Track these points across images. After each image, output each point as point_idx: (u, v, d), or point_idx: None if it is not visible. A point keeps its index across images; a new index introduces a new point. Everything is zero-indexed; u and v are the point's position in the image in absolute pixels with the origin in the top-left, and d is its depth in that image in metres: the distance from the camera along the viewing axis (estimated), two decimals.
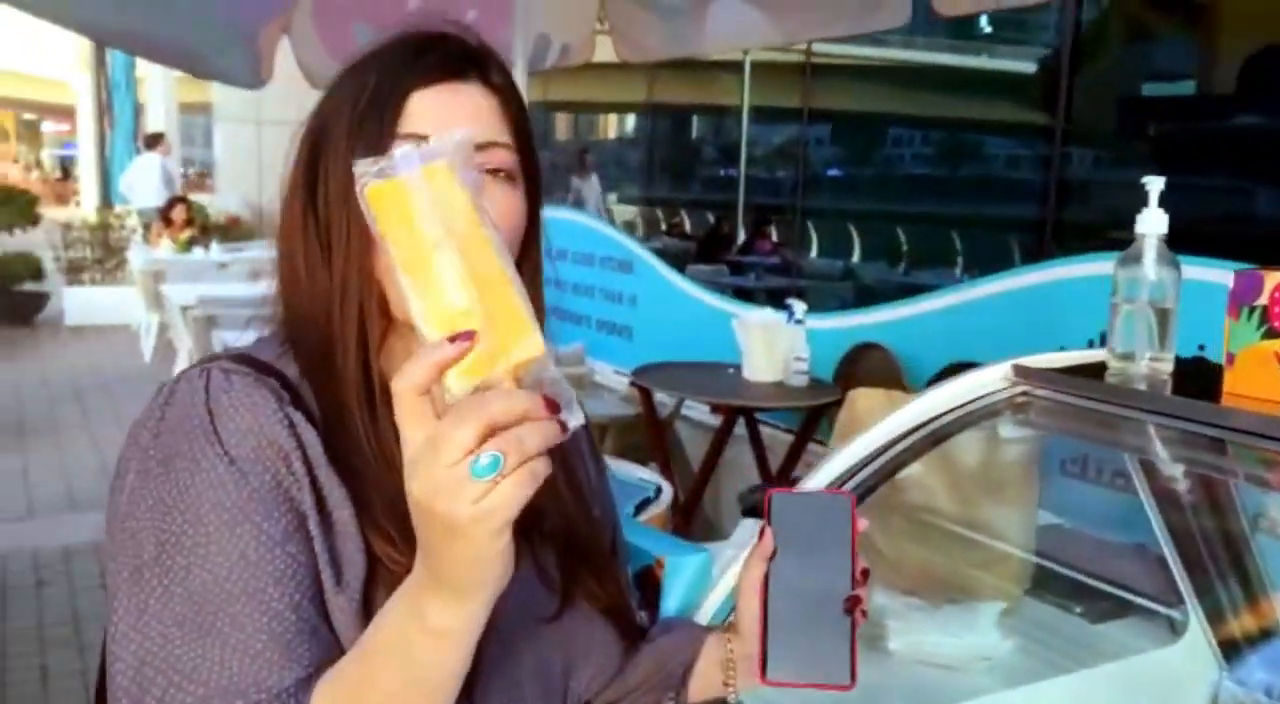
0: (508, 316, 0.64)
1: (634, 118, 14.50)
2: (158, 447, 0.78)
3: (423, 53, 0.85)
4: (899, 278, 9.85)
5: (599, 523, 1.03)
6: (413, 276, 0.65)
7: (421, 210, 0.65)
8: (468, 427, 0.60)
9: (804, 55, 5.92)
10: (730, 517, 3.87)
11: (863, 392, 2.04)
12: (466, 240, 0.65)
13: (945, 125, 11.08)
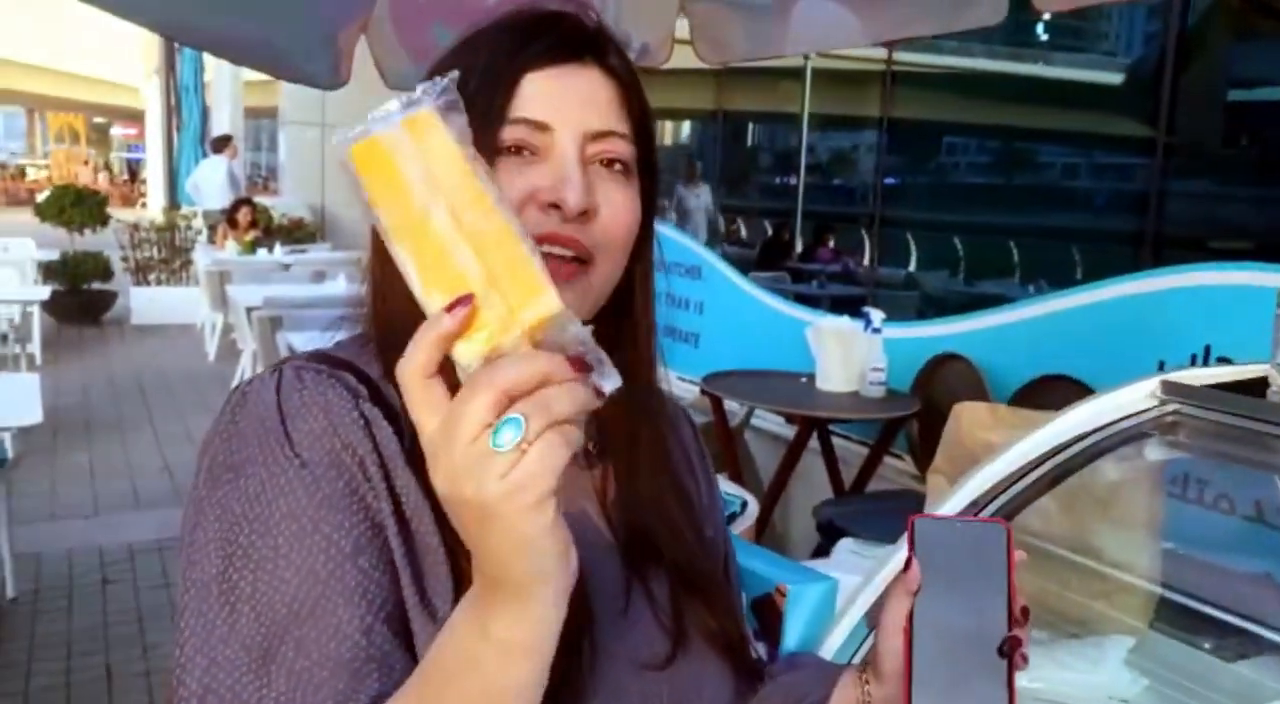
0: (515, 275, 0.57)
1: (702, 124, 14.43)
2: (228, 452, 0.72)
3: (538, 33, 0.78)
4: (969, 288, 9.64)
5: (712, 545, 0.94)
6: (405, 244, 0.58)
7: (406, 168, 0.58)
8: (480, 397, 0.53)
9: (883, 63, 5.79)
10: (801, 531, 3.76)
11: (967, 406, 1.93)
12: (459, 195, 0.58)
13: (1025, 135, 10.85)
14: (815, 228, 10.60)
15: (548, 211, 0.75)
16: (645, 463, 0.87)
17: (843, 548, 1.72)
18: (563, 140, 0.76)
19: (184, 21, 2.53)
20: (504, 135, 0.75)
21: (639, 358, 0.86)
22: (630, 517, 0.85)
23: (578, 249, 0.76)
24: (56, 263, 9.64)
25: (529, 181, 0.75)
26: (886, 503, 3.37)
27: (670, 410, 0.98)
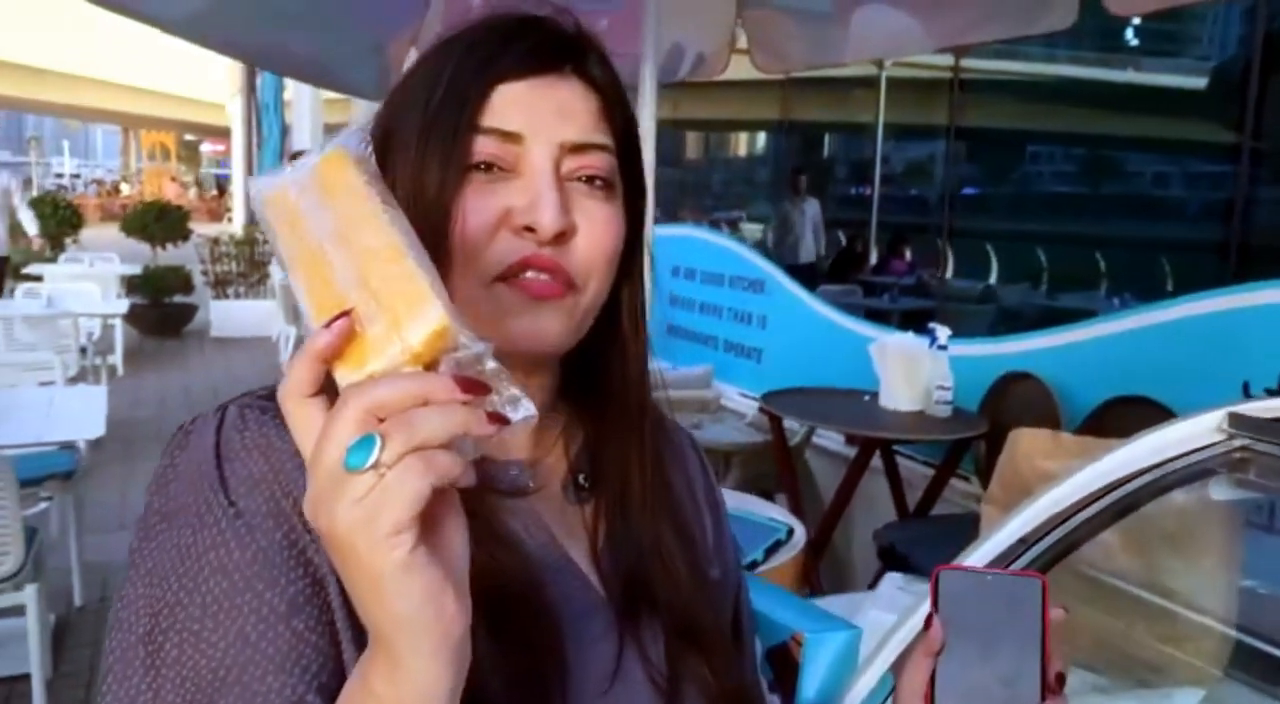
0: (399, 290, 0.53)
1: (766, 135, 14.32)
2: (163, 499, 0.66)
3: (512, 39, 0.72)
4: (1047, 301, 9.35)
5: (717, 588, 0.86)
6: (298, 275, 0.56)
7: (308, 207, 0.56)
8: (343, 415, 0.49)
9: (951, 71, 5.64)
10: (863, 556, 3.63)
11: (1025, 433, 1.81)
12: (353, 221, 0.55)
13: (1101, 142, 10.54)
14: (890, 239, 10.41)
15: (522, 235, 0.69)
16: (639, 497, 0.79)
17: (889, 583, 1.62)
18: (536, 154, 0.70)
19: (236, 39, 2.55)
20: (473, 148, 0.70)
21: (629, 383, 0.80)
22: (622, 559, 0.78)
23: (557, 273, 0.70)
24: (139, 277, 9.90)
25: (500, 201, 0.69)
26: (951, 527, 3.23)
27: (674, 437, 0.91)
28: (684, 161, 15.29)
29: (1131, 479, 1.12)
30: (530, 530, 0.74)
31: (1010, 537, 1.29)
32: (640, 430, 0.80)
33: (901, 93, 11.00)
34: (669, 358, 5.22)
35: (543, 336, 0.71)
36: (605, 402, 0.80)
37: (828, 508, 3.53)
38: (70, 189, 34.84)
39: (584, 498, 0.80)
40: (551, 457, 0.80)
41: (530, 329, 0.70)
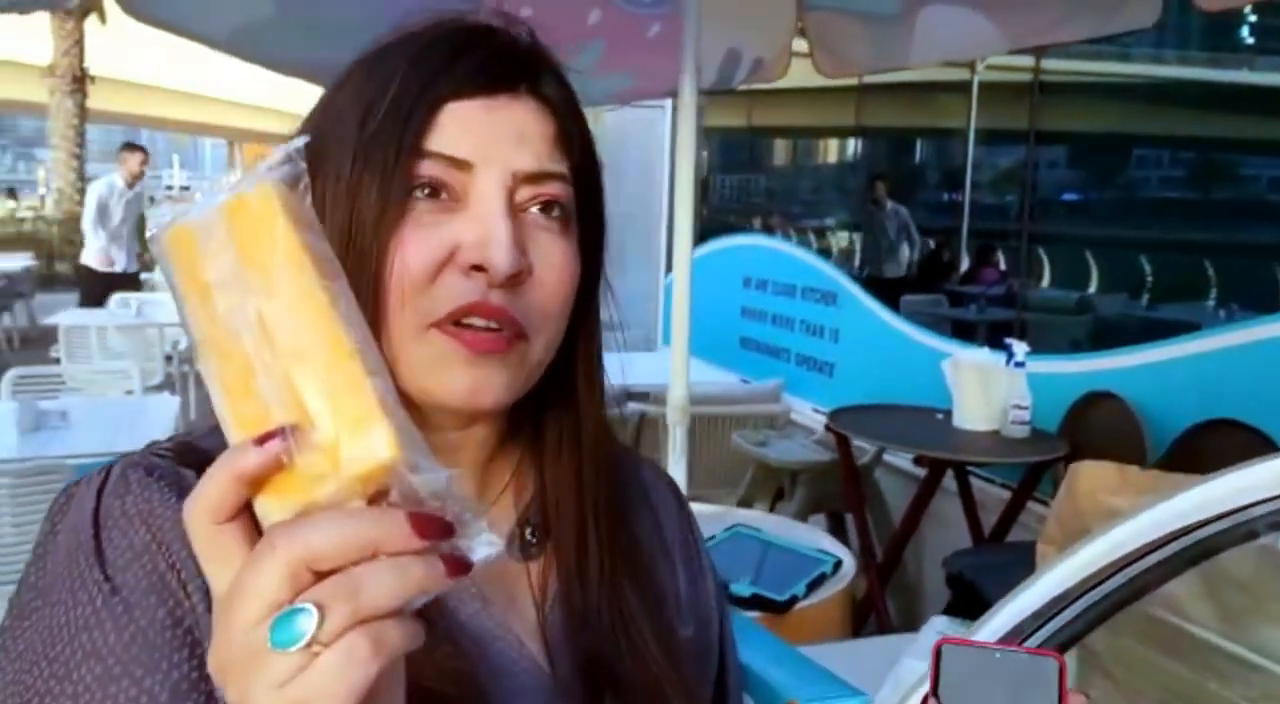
0: (342, 407, 0.42)
1: (845, 142, 14.08)
2: (39, 572, 0.59)
3: (462, 51, 0.64)
4: (1148, 312, 8.95)
5: (691, 650, 0.76)
6: (209, 360, 0.44)
7: (214, 264, 0.44)
8: (269, 566, 0.39)
9: (1032, 73, 5.42)
10: (934, 582, 3.47)
11: (1087, 465, 1.66)
12: (284, 303, 0.43)
13: (1207, 145, 10.07)
14: (980, 247, 10.09)
15: (471, 275, 0.61)
16: (596, 557, 0.70)
17: (932, 628, 1.49)
18: (486, 183, 0.62)
19: (276, 51, 2.53)
20: (415, 172, 0.62)
21: (581, 435, 0.72)
22: (576, 629, 0.69)
23: (506, 323, 0.62)
24: None
25: (447, 236, 0.61)
26: (1025, 555, 3.05)
27: (644, 479, 0.82)
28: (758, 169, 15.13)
29: (1209, 523, 0.98)
30: (462, 598, 0.66)
31: (1065, 580, 1.17)
32: (595, 485, 0.72)
33: (992, 96, 10.69)
34: (741, 370, 5.10)
35: (482, 394, 0.63)
36: (555, 452, 0.72)
37: (896, 530, 3.39)
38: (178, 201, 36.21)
39: (531, 554, 0.71)
40: (496, 508, 0.72)
41: (469, 385, 0.62)
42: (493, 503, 0.72)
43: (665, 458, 2.25)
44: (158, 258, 0.46)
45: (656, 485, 0.83)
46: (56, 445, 3.47)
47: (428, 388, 0.63)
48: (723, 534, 2.27)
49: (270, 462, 0.41)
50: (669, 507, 0.83)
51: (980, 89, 10.74)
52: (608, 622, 0.69)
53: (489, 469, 0.72)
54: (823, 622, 1.98)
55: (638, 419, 3.91)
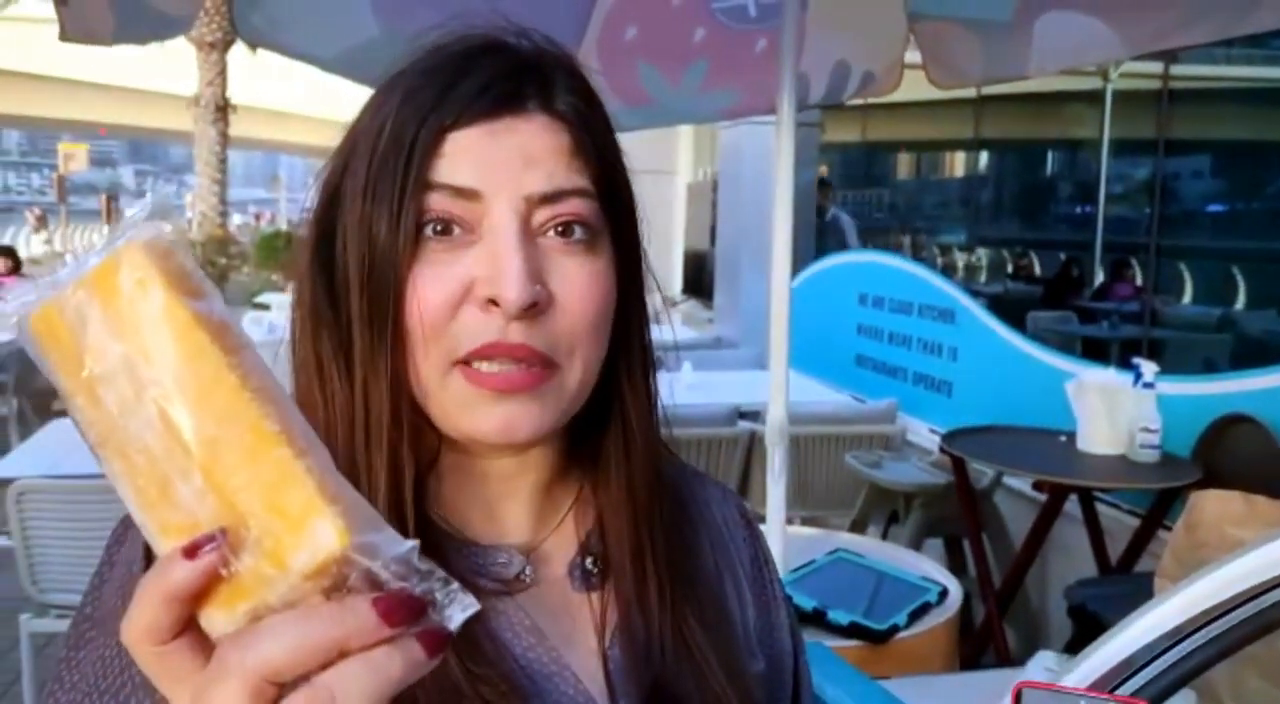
0: (275, 503, 0.37)
1: (965, 155, 13.73)
2: (96, 602, 0.60)
3: (460, 76, 0.62)
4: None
5: (762, 686, 0.72)
6: (114, 463, 0.39)
7: (101, 351, 0.38)
8: (227, 689, 0.36)
9: (1162, 79, 5.16)
10: (1057, 612, 3.31)
11: (1210, 495, 1.55)
12: (182, 384, 0.37)
13: None
14: (1113, 262, 9.68)
15: (488, 310, 0.59)
16: (655, 580, 0.67)
17: (1038, 664, 1.41)
18: (497, 211, 0.60)
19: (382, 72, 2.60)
20: (425, 207, 0.60)
21: (633, 460, 0.68)
22: (637, 658, 0.66)
23: (529, 357, 0.60)
24: None
25: (461, 271, 0.60)
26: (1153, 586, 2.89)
27: (707, 500, 0.79)
28: (876, 183, 14.89)
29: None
30: (516, 631, 0.64)
31: (1178, 614, 1.10)
32: (649, 507, 0.69)
33: (1127, 105, 10.28)
34: (857, 389, 5.00)
35: (515, 430, 0.61)
36: (608, 475, 0.69)
37: (1017, 556, 3.25)
38: None
39: (593, 584, 0.69)
40: (557, 535, 0.70)
41: (500, 423, 0.61)
42: (553, 531, 0.70)
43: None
44: (26, 346, 0.39)
45: (725, 508, 0.80)
46: None
47: (459, 427, 0.62)
48: (824, 559, 2.21)
49: (205, 575, 0.37)
50: (738, 531, 0.79)
51: (1114, 97, 10.33)
52: (671, 652, 0.66)
53: (550, 495, 0.70)
54: (926, 652, 1.90)
55: (748, 438, 3.86)
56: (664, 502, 0.70)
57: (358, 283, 0.61)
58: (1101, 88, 10.28)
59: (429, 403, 0.62)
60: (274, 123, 29.21)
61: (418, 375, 0.61)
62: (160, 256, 0.39)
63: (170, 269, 0.39)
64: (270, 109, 27.21)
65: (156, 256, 0.39)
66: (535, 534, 0.69)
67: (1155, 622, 1.11)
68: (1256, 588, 1.05)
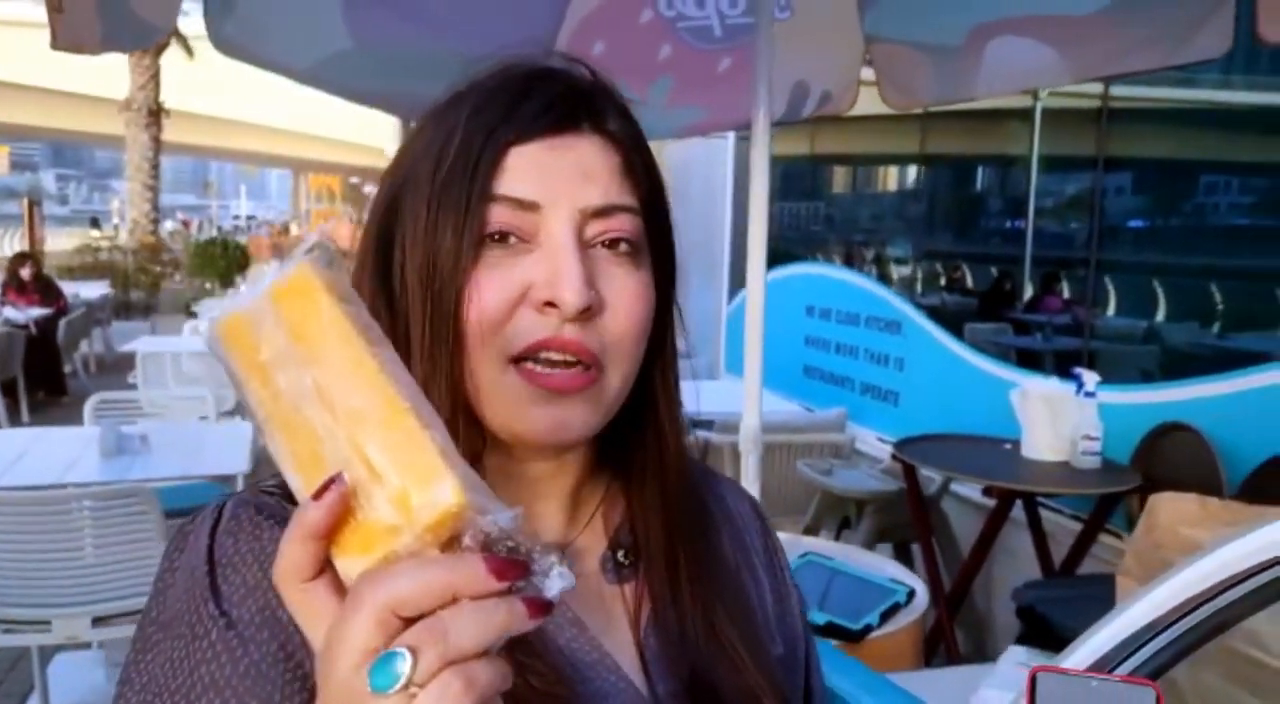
0: (405, 462, 0.45)
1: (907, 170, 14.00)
2: (160, 606, 0.62)
3: (524, 96, 0.67)
4: (1218, 341, 8.74)
5: (783, 668, 0.77)
6: (276, 437, 0.47)
7: (274, 343, 0.47)
8: (359, 617, 0.42)
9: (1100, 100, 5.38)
10: (1005, 613, 3.43)
11: (1168, 498, 1.65)
12: (333, 366, 0.47)
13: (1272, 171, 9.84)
14: (1043, 276, 9.97)
15: (544, 312, 0.64)
16: (685, 571, 0.72)
17: (1010, 659, 1.48)
18: (555, 222, 0.65)
19: (357, 83, 2.62)
20: (487, 218, 0.64)
21: (665, 459, 0.73)
22: (673, 647, 0.71)
23: (583, 355, 0.64)
24: None
25: (519, 275, 0.64)
26: (1098, 588, 3.00)
27: (729, 499, 0.84)
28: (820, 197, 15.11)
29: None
30: (558, 624, 0.68)
31: (1146, 614, 1.18)
32: (679, 505, 0.74)
33: (1052, 123, 10.58)
34: (806, 399, 5.10)
35: (564, 431, 0.66)
36: (641, 476, 0.74)
37: (965, 561, 3.35)
38: (246, 229, 37.12)
39: (625, 576, 0.73)
40: (588, 533, 0.74)
41: (550, 423, 0.65)
42: (584, 528, 0.74)
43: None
44: (213, 349, 0.49)
45: (739, 504, 0.85)
46: (137, 469, 3.58)
47: (510, 425, 0.66)
48: (795, 562, 2.28)
49: (333, 511, 0.44)
50: (752, 525, 0.84)
51: (1044, 116, 10.64)
52: (704, 641, 0.70)
53: (579, 496, 0.74)
54: (895, 651, 1.98)
55: (703, 447, 3.92)
56: (691, 499, 0.75)
57: (419, 286, 0.65)
58: (1032, 106, 10.59)
59: (482, 402, 0.65)
60: (207, 128, 28.66)
61: (473, 375, 0.65)
62: (321, 273, 0.48)
63: (329, 281, 0.48)
64: (203, 114, 26.71)
65: (319, 272, 0.48)
66: (568, 532, 0.73)
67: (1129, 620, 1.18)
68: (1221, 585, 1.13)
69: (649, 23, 2.71)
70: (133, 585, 3.06)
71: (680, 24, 2.72)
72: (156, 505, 3.03)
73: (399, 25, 2.49)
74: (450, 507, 0.44)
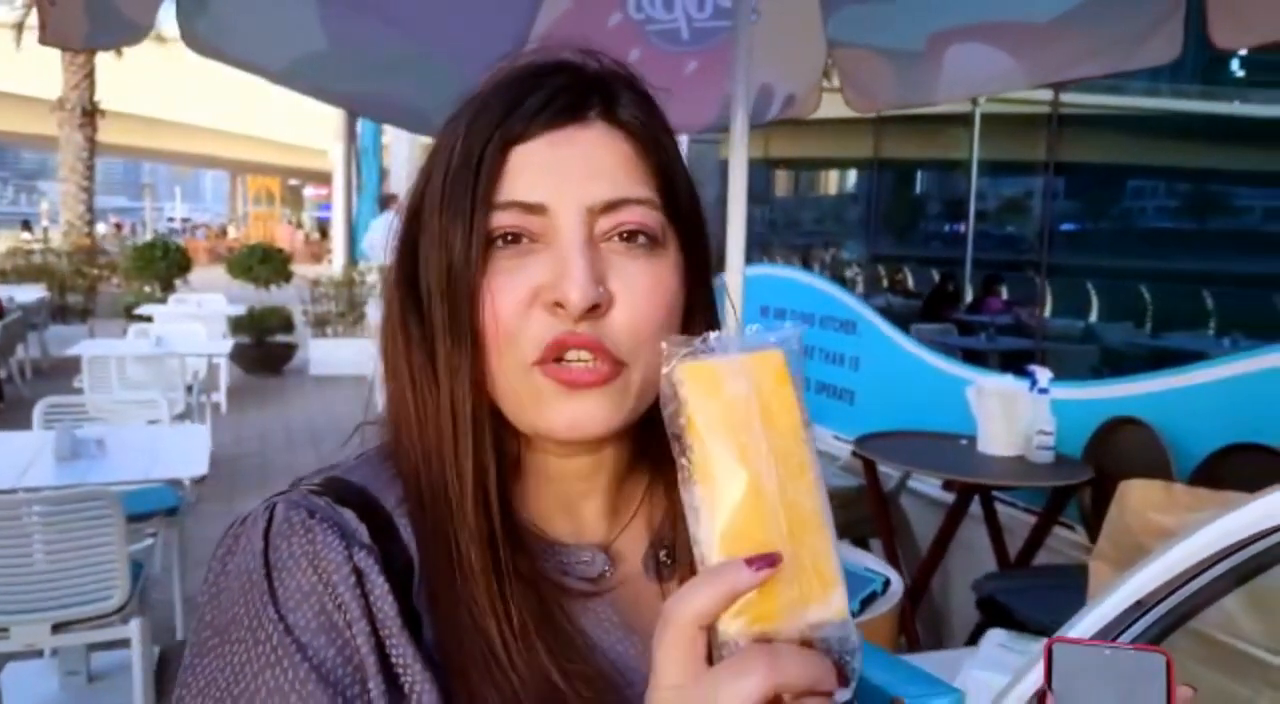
0: (814, 565, 0.51)
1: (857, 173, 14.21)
2: (215, 611, 0.62)
3: (525, 92, 0.65)
4: (1151, 340, 9.03)
5: None
6: (712, 485, 0.52)
7: (743, 408, 0.52)
8: (755, 679, 0.48)
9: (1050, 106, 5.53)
10: (961, 606, 3.52)
11: (1135, 484, 1.72)
12: (790, 461, 0.52)
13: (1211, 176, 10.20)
14: (985, 278, 10.20)
15: (554, 312, 0.63)
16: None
17: (991, 641, 1.55)
18: (562, 220, 0.64)
19: (331, 84, 2.61)
20: (494, 223, 0.64)
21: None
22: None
23: (598, 352, 0.63)
24: (244, 317, 10.26)
25: (529, 278, 0.64)
26: (1055, 578, 3.11)
27: None
28: (774, 200, 15.28)
29: (1262, 537, 1.04)
30: (605, 627, 0.68)
31: (1127, 598, 1.23)
32: None
33: (997, 128, 10.80)
34: None
35: (583, 426, 0.65)
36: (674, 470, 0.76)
37: (925, 556, 3.43)
38: (181, 232, 36.42)
39: (666, 576, 0.72)
40: (630, 532, 0.73)
41: (569, 419, 0.64)
42: (625, 527, 0.73)
43: None
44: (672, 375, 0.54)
45: None
46: (94, 473, 3.52)
47: (533, 423, 0.65)
48: None
49: (757, 583, 0.50)
50: None
51: (982, 121, 10.87)
52: None
53: (620, 495, 0.73)
54: (874, 638, 2.03)
55: None
56: None
57: (439, 293, 0.66)
58: (971, 112, 10.82)
59: (504, 402, 0.66)
60: (141, 129, 28.05)
61: (494, 378, 0.65)
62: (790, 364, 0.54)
63: (793, 372, 0.54)
64: (137, 115, 26.16)
65: (789, 363, 0.54)
66: (610, 531, 0.72)
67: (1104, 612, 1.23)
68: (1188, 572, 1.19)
69: (618, 25, 2.74)
70: (94, 590, 3.02)
71: (649, 27, 2.75)
72: (120, 509, 2.99)
73: (373, 26, 2.50)
74: (838, 617, 0.51)
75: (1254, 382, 2.99)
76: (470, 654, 0.61)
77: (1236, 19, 2.23)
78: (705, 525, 0.52)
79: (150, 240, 13.21)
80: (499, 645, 0.61)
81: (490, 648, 0.61)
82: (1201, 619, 1.47)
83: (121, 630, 3.12)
